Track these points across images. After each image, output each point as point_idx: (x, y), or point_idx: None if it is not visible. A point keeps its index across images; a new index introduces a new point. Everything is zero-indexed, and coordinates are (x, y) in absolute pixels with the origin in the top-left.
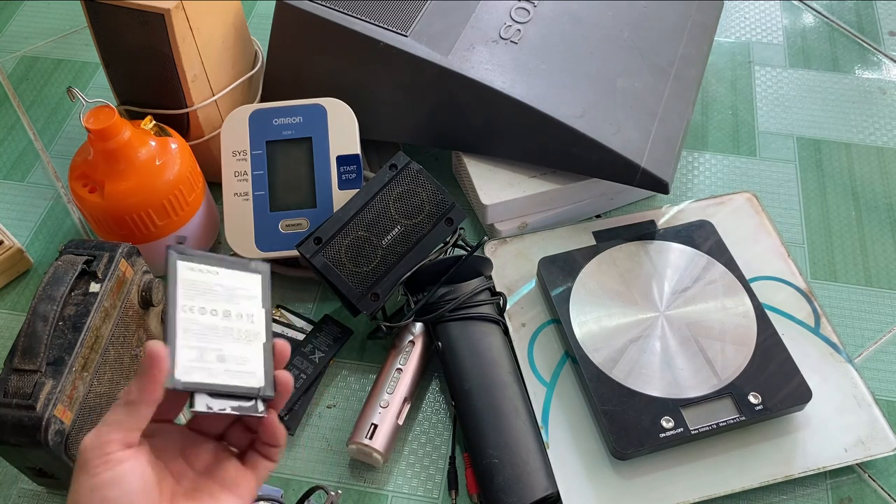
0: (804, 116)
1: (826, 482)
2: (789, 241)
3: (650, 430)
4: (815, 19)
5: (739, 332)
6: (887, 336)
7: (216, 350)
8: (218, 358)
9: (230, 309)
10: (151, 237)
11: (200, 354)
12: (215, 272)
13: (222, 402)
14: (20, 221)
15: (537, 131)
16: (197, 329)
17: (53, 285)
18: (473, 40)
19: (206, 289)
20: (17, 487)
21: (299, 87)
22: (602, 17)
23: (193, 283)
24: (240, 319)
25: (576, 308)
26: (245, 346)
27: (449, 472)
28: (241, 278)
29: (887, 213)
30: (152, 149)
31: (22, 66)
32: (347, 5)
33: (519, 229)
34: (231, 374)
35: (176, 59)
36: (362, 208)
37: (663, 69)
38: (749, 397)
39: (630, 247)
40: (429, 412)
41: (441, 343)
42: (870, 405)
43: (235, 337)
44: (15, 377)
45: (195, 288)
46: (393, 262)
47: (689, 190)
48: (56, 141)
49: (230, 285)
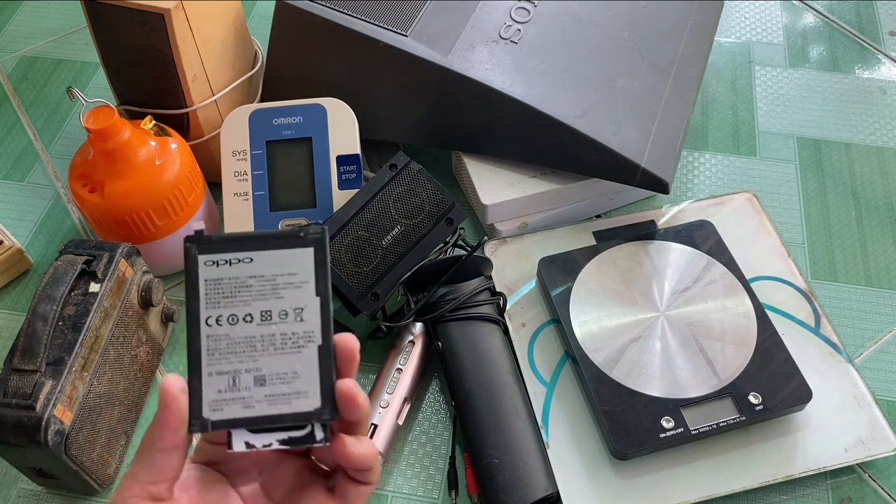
0: (804, 116)
1: (826, 482)
2: (789, 241)
3: (650, 430)
4: (816, 19)
5: (739, 332)
6: (887, 336)
7: (253, 370)
8: (256, 381)
9: (270, 308)
10: (151, 237)
11: (233, 381)
12: (248, 259)
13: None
14: (20, 221)
15: (537, 131)
16: (226, 347)
17: (53, 285)
18: (473, 40)
19: (237, 287)
20: (17, 487)
21: (299, 87)
22: (602, 17)
23: (219, 282)
24: (284, 320)
25: (576, 308)
26: (293, 355)
27: (449, 472)
28: (285, 259)
29: (887, 213)
30: (152, 149)
31: (22, 66)
32: (347, 5)
33: (519, 229)
34: (275, 400)
35: (176, 59)
36: (362, 208)
37: (663, 69)
38: (749, 397)
39: (630, 247)
40: (429, 412)
41: (441, 343)
42: (870, 405)
43: (280, 346)
44: (15, 377)
45: (222, 290)
46: (393, 262)
47: (689, 190)
48: (56, 141)
49: (270, 273)
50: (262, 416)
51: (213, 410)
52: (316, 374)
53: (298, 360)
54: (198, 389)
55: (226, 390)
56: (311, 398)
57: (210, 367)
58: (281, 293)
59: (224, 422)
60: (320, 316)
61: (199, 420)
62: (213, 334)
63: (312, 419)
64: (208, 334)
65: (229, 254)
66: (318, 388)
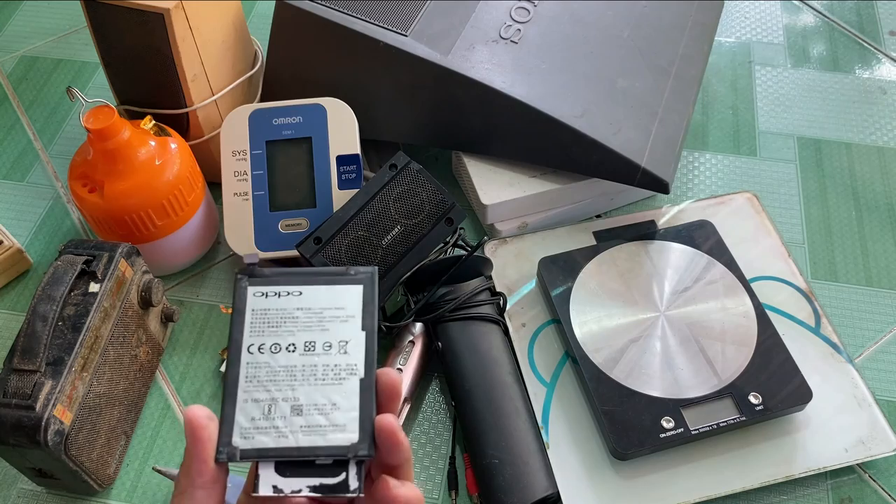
0: (804, 116)
1: (826, 482)
2: (789, 241)
3: (650, 431)
4: (816, 19)
5: (740, 333)
6: (888, 336)
7: (291, 399)
8: (293, 410)
9: (315, 339)
10: (151, 237)
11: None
12: (297, 293)
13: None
14: (20, 221)
15: (537, 131)
16: (265, 375)
17: (53, 285)
18: (473, 40)
19: (283, 318)
20: (16, 487)
21: (299, 87)
22: (602, 16)
23: (266, 312)
24: (328, 352)
25: (576, 308)
26: (335, 386)
27: (449, 473)
28: (334, 294)
29: (888, 213)
30: (152, 149)
31: (21, 66)
32: (347, 5)
33: (519, 229)
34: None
35: (176, 59)
36: (362, 208)
37: (663, 69)
38: (749, 397)
39: (630, 247)
40: (429, 412)
41: (441, 343)
42: (870, 405)
43: (321, 377)
44: (14, 377)
45: (268, 319)
46: (393, 262)
47: (690, 190)
48: (56, 141)
49: (318, 307)
50: (295, 447)
51: (243, 438)
52: (356, 408)
53: (338, 391)
54: (230, 416)
55: (260, 418)
56: (348, 432)
57: (246, 394)
58: (327, 326)
59: (253, 451)
60: (365, 350)
61: (228, 448)
62: (253, 361)
63: (349, 453)
64: (248, 361)
65: (279, 286)
66: (356, 422)
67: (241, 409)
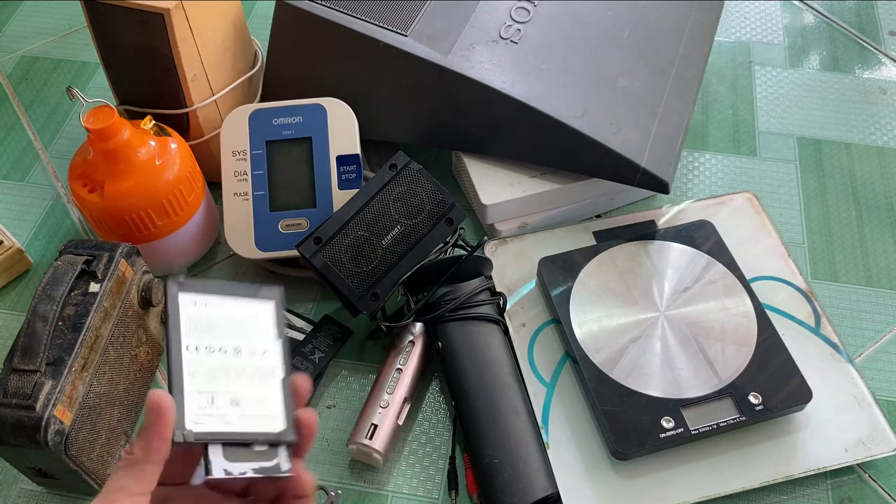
0: (804, 116)
1: (826, 482)
2: (789, 241)
3: (650, 431)
4: (816, 19)
5: (740, 332)
6: (888, 336)
7: (229, 393)
8: (231, 402)
9: (241, 345)
10: (151, 237)
11: (212, 399)
12: (221, 304)
13: (242, 465)
14: (20, 221)
15: (537, 131)
16: (205, 371)
17: (53, 285)
18: (473, 40)
19: (213, 324)
20: (16, 487)
21: (299, 87)
22: (602, 17)
23: (198, 318)
24: (252, 356)
25: (576, 308)
26: (261, 385)
27: (449, 473)
28: (251, 308)
29: (887, 213)
30: (152, 149)
31: (21, 66)
32: (347, 5)
33: (519, 229)
34: (248, 419)
35: (176, 59)
36: (362, 208)
37: (663, 69)
38: (749, 397)
39: (630, 247)
40: (429, 412)
41: (441, 343)
42: (870, 405)
43: (249, 376)
44: (14, 377)
45: (200, 324)
46: (393, 262)
47: (690, 190)
48: (56, 141)
49: (239, 317)
50: (239, 432)
51: (195, 423)
52: (280, 403)
53: (265, 388)
54: (181, 404)
55: (206, 406)
56: (277, 421)
57: (192, 386)
58: (249, 334)
59: (206, 434)
60: (280, 356)
61: (183, 430)
62: (193, 359)
63: (280, 438)
64: (190, 358)
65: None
66: (282, 415)
67: (189, 398)
